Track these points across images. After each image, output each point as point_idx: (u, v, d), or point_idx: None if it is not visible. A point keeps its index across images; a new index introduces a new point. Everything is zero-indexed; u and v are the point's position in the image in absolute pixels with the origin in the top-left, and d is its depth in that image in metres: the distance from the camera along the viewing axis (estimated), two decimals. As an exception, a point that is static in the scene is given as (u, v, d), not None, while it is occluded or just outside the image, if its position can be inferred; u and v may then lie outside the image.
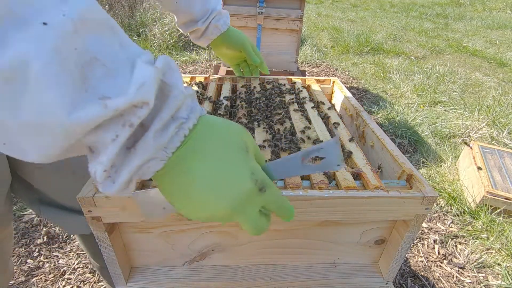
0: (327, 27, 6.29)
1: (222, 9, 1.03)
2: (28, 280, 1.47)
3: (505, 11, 7.96)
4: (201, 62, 4.32)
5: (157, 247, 0.77)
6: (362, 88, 3.71)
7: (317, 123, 0.97)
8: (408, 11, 8.10)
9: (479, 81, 3.89)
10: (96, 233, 0.66)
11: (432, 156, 2.43)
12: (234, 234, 0.76)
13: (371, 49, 4.96)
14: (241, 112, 1.02)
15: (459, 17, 7.39)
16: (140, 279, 0.79)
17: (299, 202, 0.65)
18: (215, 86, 1.20)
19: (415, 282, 1.52)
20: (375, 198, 0.65)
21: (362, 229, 0.77)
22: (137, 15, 5.20)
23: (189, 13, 0.96)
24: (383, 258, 0.83)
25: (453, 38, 5.68)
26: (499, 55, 4.77)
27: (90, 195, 0.61)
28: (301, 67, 4.34)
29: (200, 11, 0.97)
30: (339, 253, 0.82)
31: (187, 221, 0.67)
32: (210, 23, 1.01)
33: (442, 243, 1.73)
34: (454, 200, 1.97)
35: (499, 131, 2.72)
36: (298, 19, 2.61)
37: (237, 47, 1.10)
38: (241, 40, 1.09)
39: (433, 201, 0.66)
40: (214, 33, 1.04)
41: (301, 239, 0.78)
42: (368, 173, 0.73)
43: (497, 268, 1.57)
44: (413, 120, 2.88)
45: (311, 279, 0.81)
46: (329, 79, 1.29)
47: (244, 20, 2.64)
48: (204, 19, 0.99)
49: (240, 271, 0.82)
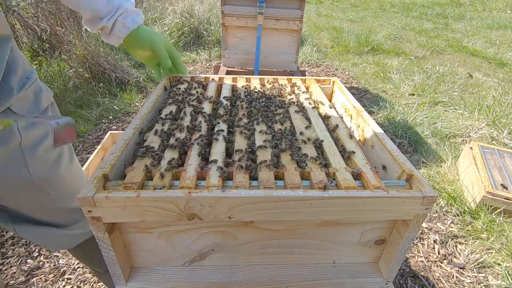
0: (327, 27, 6.29)
1: (132, 7, 0.96)
2: (28, 280, 1.47)
3: (505, 11, 7.96)
4: (201, 62, 4.32)
5: (157, 247, 0.77)
6: (362, 88, 3.71)
7: (317, 123, 0.97)
8: (408, 11, 8.10)
9: (479, 81, 3.89)
10: (96, 233, 0.66)
11: (432, 156, 2.43)
12: (234, 234, 0.76)
13: (371, 49, 4.97)
14: (241, 112, 1.01)
15: (459, 17, 7.39)
16: (140, 279, 0.79)
17: (299, 202, 0.65)
18: (215, 86, 1.20)
19: (415, 282, 1.52)
20: (375, 198, 0.65)
21: (362, 229, 0.77)
22: (137, 15, 5.19)
23: (92, 10, 0.89)
24: (383, 258, 0.83)
25: (453, 38, 5.68)
26: (499, 55, 4.78)
27: (90, 195, 0.61)
28: (301, 67, 4.34)
29: (105, 7, 0.89)
30: (339, 253, 0.82)
31: (187, 221, 0.67)
32: (117, 21, 0.93)
33: (442, 243, 1.73)
34: (454, 200, 1.97)
35: (499, 131, 2.72)
36: (298, 19, 2.61)
37: (147, 47, 1.01)
38: (150, 39, 1.00)
39: (433, 201, 0.66)
40: (123, 32, 0.96)
41: (301, 239, 0.78)
42: (368, 173, 0.73)
43: (497, 268, 1.57)
44: (413, 120, 2.88)
45: (311, 279, 0.81)
46: (329, 79, 1.29)
47: (244, 20, 2.64)
48: (110, 16, 0.91)
49: (240, 271, 0.82)
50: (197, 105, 1.05)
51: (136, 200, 0.62)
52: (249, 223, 0.73)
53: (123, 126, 2.80)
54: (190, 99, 1.08)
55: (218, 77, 1.27)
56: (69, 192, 0.85)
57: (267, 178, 0.70)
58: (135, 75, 3.50)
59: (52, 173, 0.78)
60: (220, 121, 0.96)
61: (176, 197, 0.63)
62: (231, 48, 2.87)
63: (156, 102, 1.07)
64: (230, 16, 2.64)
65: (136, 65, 3.92)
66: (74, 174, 0.85)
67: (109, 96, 3.19)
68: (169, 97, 1.10)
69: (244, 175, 0.71)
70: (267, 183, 0.68)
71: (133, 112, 2.99)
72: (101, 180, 0.67)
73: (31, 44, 3.33)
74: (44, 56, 3.16)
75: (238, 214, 0.66)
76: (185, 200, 0.63)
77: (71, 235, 0.90)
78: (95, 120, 2.82)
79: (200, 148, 0.82)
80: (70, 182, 0.83)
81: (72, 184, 0.85)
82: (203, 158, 0.80)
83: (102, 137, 2.53)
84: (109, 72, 3.35)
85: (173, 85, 1.21)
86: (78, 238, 0.93)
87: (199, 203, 0.64)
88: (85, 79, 3.29)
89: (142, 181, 0.69)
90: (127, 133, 0.86)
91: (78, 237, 0.93)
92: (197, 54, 4.52)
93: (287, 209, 0.66)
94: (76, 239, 0.93)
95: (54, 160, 0.78)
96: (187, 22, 4.87)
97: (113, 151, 0.77)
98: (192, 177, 0.69)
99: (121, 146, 0.79)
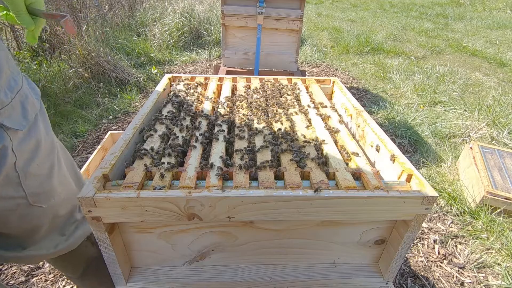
0: (327, 27, 6.29)
1: None
2: (28, 280, 1.47)
3: (505, 11, 7.95)
4: (201, 62, 4.32)
5: (157, 247, 0.77)
6: (362, 88, 3.71)
7: (317, 123, 0.97)
8: (408, 11, 8.10)
9: (479, 81, 3.89)
10: (96, 233, 0.66)
11: (432, 156, 2.43)
12: (234, 234, 0.76)
13: (371, 49, 4.96)
14: (241, 112, 1.02)
15: (459, 17, 7.39)
16: (140, 279, 0.79)
17: (299, 202, 0.65)
18: (215, 86, 1.20)
19: (415, 282, 1.52)
20: (375, 198, 0.65)
21: (362, 229, 0.77)
22: (137, 15, 5.20)
23: None
24: (383, 258, 0.83)
25: (453, 38, 5.68)
26: (499, 55, 4.77)
27: (90, 195, 0.61)
28: (301, 67, 4.34)
29: None
30: (339, 253, 0.82)
31: (187, 221, 0.67)
32: None
33: (442, 243, 1.73)
34: (454, 200, 1.97)
35: (499, 131, 2.72)
36: (298, 19, 2.61)
37: None
38: None
39: (433, 201, 0.66)
40: None
41: (301, 239, 0.78)
42: (368, 173, 0.73)
43: (497, 268, 1.57)
44: (413, 120, 2.88)
45: (311, 279, 0.81)
46: (329, 79, 1.29)
47: (244, 20, 2.64)
48: None
49: (240, 271, 0.82)
50: (197, 106, 1.05)
51: (136, 200, 0.62)
52: (249, 223, 0.73)
53: (123, 126, 2.80)
54: (190, 100, 1.08)
55: (218, 77, 1.27)
56: (62, 199, 0.78)
57: (267, 178, 0.70)
58: (135, 75, 3.50)
59: (46, 186, 0.72)
60: (220, 121, 0.96)
61: (176, 197, 0.63)
62: (231, 48, 2.86)
63: (156, 102, 1.07)
64: (230, 16, 2.64)
65: (136, 65, 3.92)
66: (62, 181, 0.79)
67: (109, 96, 3.18)
68: (169, 98, 1.10)
69: (244, 175, 0.71)
70: (267, 183, 0.68)
71: (133, 112, 2.99)
72: (101, 180, 0.67)
73: (31, 44, 3.33)
74: (44, 56, 3.16)
75: (238, 214, 0.66)
76: (185, 200, 0.63)
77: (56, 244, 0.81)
78: (95, 120, 2.82)
79: (200, 148, 0.82)
80: (61, 190, 0.77)
81: (63, 192, 0.79)
82: (203, 158, 0.80)
83: (102, 137, 2.53)
84: (109, 72, 3.34)
85: (173, 85, 1.21)
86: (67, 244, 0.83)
87: (199, 203, 0.64)
88: (85, 79, 3.29)
89: (142, 181, 0.69)
90: (127, 133, 0.86)
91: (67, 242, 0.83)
92: (197, 54, 4.52)
93: (287, 209, 0.66)
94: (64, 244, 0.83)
95: (47, 174, 0.72)
96: (187, 22, 4.87)
97: (113, 151, 0.77)
98: (192, 177, 0.69)
99: (121, 146, 0.79)
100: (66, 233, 0.79)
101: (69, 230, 0.80)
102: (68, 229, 0.79)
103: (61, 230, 0.78)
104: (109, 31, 4.24)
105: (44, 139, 0.72)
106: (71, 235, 0.80)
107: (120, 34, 4.39)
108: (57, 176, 0.75)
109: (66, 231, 0.79)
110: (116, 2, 4.90)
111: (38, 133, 0.69)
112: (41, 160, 0.70)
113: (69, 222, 0.80)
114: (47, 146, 0.72)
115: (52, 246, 0.77)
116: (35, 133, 0.69)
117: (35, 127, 0.69)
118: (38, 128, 0.70)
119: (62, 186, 0.77)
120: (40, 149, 0.70)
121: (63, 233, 0.78)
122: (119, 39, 4.22)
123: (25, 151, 0.66)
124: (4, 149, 0.61)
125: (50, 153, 0.74)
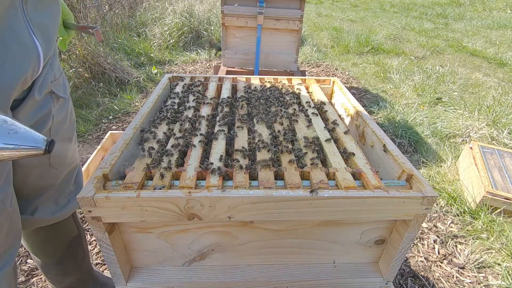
0: (327, 27, 6.29)
1: None
2: (28, 280, 1.47)
3: (505, 11, 7.95)
4: (201, 62, 4.32)
5: (157, 247, 0.77)
6: (362, 88, 3.71)
7: (317, 123, 0.97)
8: (408, 11, 8.10)
9: (479, 81, 3.89)
10: (96, 233, 0.66)
11: (432, 156, 2.43)
12: (234, 234, 0.76)
13: (371, 49, 4.96)
14: (241, 112, 1.02)
15: (459, 17, 7.39)
16: (140, 279, 0.79)
17: (299, 202, 0.65)
18: (215, 86, 1.20)
19: (415, 282, 1.52)
20: (375, 198, 0.65)
21: (362, 229, 0.77)
22: (137, 15, 5.20)
23: None
24: (383, 258, 0.83)
25: (453, 38, 5.68)
26: (499, 55, 4.77)
27: (90, 195, 0.61)
28: (301, 67, 4.34)
29: None
30: (339, 253, 0.82)
31: (187, 221, 0.67)
32: None
33: (442, 243, 1.73)
34: (454, 200, 1.97)
35: (499, 131, 2.72)
36: (298, 19, 2.61)
37: None
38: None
39: (433, 201, 0.66)
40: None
41: (301, 239, 0.78)
42: (368, 173, 0.73)
43: (497, 268, 1.57)
44: (413, 120, 2.88)
45: (311, 279, 0.81)
46: (329, 79, 1.29)
47: (244, 20, 2.64)
48: None
49: (240, 271, 0.82)
50: (197, 107, 1.05)
51: (136, 200, 0.62)
52: (249, 223, 0.73)
53: (123, 126, 2.80)
54: (190, 100, 1.08)
55: (218, 77, 1.27)
56: (71, 168, 0.92)
57: (267, 178, 0.70)
58: (135, 75, 3.50)
59: (64, 151, 0.86)
60: (220, 121, 0.96)
61: (176, 197, 0.63)
62: (231, 48, 2.87)
63: (156, 102, 1.07)
64: (230, 16, 2.64)
65: (136, 65, 3.92)
66: (74, 153, 0.93)
67: (109, 96, 3.18)
68: (170, 98, 1.10)
69: (244, 175, 0.71)
70: (267, 183, 0.68)
71: (133, 112, 2.99)
72: (101, 180, 0.67)
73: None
74: (44, 56, 3.17)
75: (238, 214, 0.66)
76: (185, 200, 0.63)
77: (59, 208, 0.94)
78: (95, 120, 2.82)
79: (200, 148, 0.82)
80: (71, 160, 0.91)
81: (73, 161, 0.93)
82: (203, 158, 0.80)
83: (102, 137, 2.53)
84: (109, 72, 3.34)
85: (173, 85, 1.21)
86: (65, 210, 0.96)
87: (199, 203, 0.64)
88: (85, 79, 3.29)
89: (142, 181, 0.69)
90: (127, 133, 0.86)
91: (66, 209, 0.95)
92: (197, 54, 4.52)
93: (287, 209, 0.66)
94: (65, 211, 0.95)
95: (68, 139, 0.87)
96: (187, 22, 4.87)
97: (113, 151, 0.77)
98: (192, 177, 0.69)
99: (121, 146, 0.79)
100: (60, 203, 0.92)
101: (63, 201, 0.93)
102: (62, 201, 0.93)
103: (56, 199, 0.91)
104: (109, 31, 4.24)
105: (71, 113, 0.89)
106: (64, 206, 0.93)
107: (120, 34, 4.39)
108: (73, 147, 0.92)
109: (60, 202, 0.92)
110: (116, 2, 4.90)
111: (68, 107, 0.87)
112: (66, 130, 0.86)
113: (64, 193, 0.93)
114: (72, 120, 0.90)
115: (50, 213, 0.90)
116: (67, 107, 0.86)
117: (68, 102, 0.87)
118: (69, 103, 0.88)
119: (73, 156, 0.93)
120: (67, 120, 0.86)
121: (57, 203, 0.92)
122: (119, 39, 4.21)
123: (59, 118, 0.81)
124: (49, 113, 0.76)
125: (72, 127, 0.90)
